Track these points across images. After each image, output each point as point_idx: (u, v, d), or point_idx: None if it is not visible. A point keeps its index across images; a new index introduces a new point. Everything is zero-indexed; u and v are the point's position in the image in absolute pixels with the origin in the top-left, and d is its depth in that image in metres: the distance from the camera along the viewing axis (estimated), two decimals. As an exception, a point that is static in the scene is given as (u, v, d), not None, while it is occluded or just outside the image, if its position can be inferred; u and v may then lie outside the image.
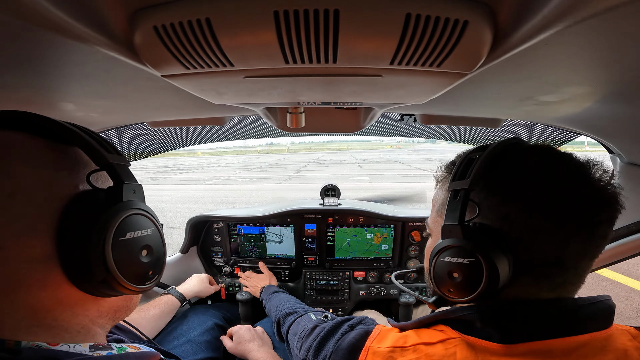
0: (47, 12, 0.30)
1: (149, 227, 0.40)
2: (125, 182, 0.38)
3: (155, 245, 0.41)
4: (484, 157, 0.46)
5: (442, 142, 35.82)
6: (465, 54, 0.37)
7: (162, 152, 1.29)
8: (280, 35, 0.33)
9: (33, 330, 0.34)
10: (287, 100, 0.63)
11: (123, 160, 0.40)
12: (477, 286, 0.43)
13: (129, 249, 0.37)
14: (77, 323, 0.38)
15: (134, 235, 0.37)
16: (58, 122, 0.37)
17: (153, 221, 0.41)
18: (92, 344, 0.38)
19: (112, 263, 0.34)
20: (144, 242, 0.39)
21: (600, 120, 0.76)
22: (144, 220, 0.39)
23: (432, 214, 0.58)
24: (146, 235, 0.39)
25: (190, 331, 1.17)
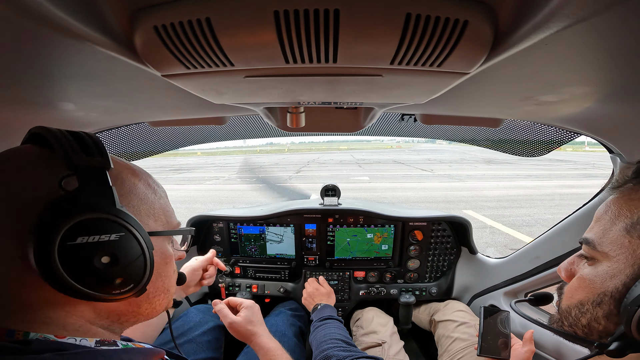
0: (47, 11, 0.30)
1: (112, 232, 0.37)
2: (87, 185, 0.37)
3: (125, 252, 0.38)
4: None
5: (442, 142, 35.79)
6: (466, 53, 0.37)
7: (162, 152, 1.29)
8: (281, 35, 0.33)
9: (34, 325, 0.36)
10: (288, 100, 0.63)
11: (95, 162, 0.38)
12: None
13: (80, 255, 0.35)
14: (72, 322, 0.38)
15: (87, 240, 0.35)
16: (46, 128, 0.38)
17: (125, 226, 0.38)
18: (99, 339, 0.39)
19: (58, 267, 0.34)
20: (104, 248, 0.37)
21: (600, 120, 0.76)
22: (105, 225, 0.37)
23: (611, 232, 0.45)
24: (107, 240, 0.37)
25: (191, 331, 1.17)
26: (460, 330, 1.24)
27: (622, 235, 0.43)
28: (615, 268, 0.43)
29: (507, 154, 1.20)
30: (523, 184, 10.40)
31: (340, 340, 0.92)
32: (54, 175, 0.37)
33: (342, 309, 1.53)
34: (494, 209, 6.81)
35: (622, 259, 0.43)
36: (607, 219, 0.46)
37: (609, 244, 0.44)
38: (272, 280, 1.58)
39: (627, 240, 0.42)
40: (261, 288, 1.56)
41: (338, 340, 0.92)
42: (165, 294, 0.49)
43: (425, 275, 1.57)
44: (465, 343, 1.17)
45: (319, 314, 1.14)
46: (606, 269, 0.44)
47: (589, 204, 1.00)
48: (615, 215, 0.45)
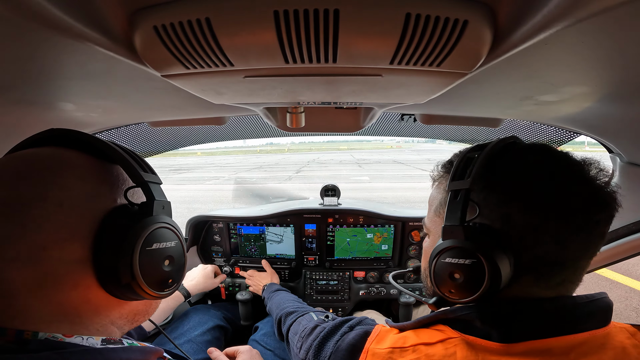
0: (47, 11, 0.30)
1: (173, 240, 0.44)
2: (156, 199, 0.42)
3: (177, 257, 0.45)
4: (483, 157, 0.46)
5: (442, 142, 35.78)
6: (465, 53, 0.37)
7: (162, 152, 1.29)
8: (280, 35, 0.33)
9: (55, 324, 0.36)
10: (287, 100, 0.63)
11: (156, 179, 0.45)
12: (479, 287, 0.43)
13: (153, 258, 0.40)
14: (98, 322, 0.41)
15: (159, 246, 0.41)
16: (105, 142, 0.42)
17: (177, 235, 0.45)
18: (105, 338, 0.40)
19: (137, 269, 0.38)
20: (168, 253, 0.43)
21: (600, 120, 0.76)
22: (169, 233, 0.43)
23: (430, 213, 0.58)
24: (170, 247, 0.43)
25: (191, 331, 1.17)
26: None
27: (433, 214, 0.56)
28: (433, 239, 0.56)
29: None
30: (523, 184, 10.35)
31: (296, 301, 1.03)
32: (116, 186, 0.42)
33: (341, 309, 1.53)
34: (494, 209, 6.79)
35: (435, 233, 0.55)
36: (430, 203, 0.59)
37: (429, 222, 0.58)
38: (272, 280, 1.58)
39: (436, 218, 0.55)
40: (261, 288, 1.56)
41: (294, 301, 1.03)
42: None
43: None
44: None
45: (268, 289, 1.23)
46: (430, 241, 0.58)
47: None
48: (432, 200, 0.58)
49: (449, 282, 0.46)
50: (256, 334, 1.25)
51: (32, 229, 0.34)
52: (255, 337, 1.22)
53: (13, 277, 0.34)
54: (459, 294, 0.46)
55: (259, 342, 1.18)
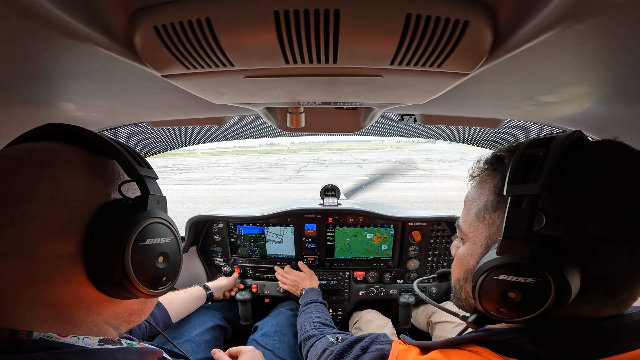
0: (47, 11, 0.30)
1: (167, 236, 0.42)
2: (151, 193, 0.41)
3: (172, 253, 0.43)
4: (554, 156, 0.38)
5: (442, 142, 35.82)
6: (466, 54, 0.37)
7: (162, 152, 1.29)
8: (281, 35, 0.33)
9: (48, 324, 0.36)
10: (287, 100, 0.63)
11: (152, 173, 0.43)
12: (539, 307, 0.38)
13: (146, 254, 0.39)
14: (91, 321, 0.39)
15: (153, 242, 0.40)
16: (99, 136, 0.40)
17: (172, 230, 0.44)
18: (102, 338, 0.39)
19: (129, 265, 0.37)
20: (162, 249, 0.41)
21: (600, 120, 0.76)
22: (163, 229, 0.42)
23: (468, 217, 0.50)
24: (164, 243, 0.42)
25: (190, 331, 1.17)
26: (456, 332, 1.24)
27: (474, 219, 0.48)
28: (472, 247, 0.48)
29: (507, 154, 1.20)
30: (523, 184, 10.36)
31: (319, 322, 0.99)
32: (111, 181, 0.40)
33: (341, 309, 1.53)
34: (493, 209, 6.80)
35: (476, 240, 0.48)
36: (468, 204, 0.51)
37: (467, 226, 0.50)
38: (271, 280, 1.58)
39: (477, 224, 0.48)
40: (261, 288, 1.56)
41: (317, 321, 1.00)
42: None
43: (425, 275, 1.57)
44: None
45: (304, 298, 1.21)
46: (467, 248, 0.50)
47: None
48: (472, 201, 0.50)
49: (500, 300, 0.40)
50: (256, 334, 1.25)
51: (21, 223, 0.33)
52: (255, 337, 1.22)
53: (3, 274, 0.33)
54: (510, 314, 0.40)
55: (259, 342, 1.18)
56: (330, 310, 1.52)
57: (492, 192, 0.46)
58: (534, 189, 0.37)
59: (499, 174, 0.46)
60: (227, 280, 1.47)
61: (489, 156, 0.50)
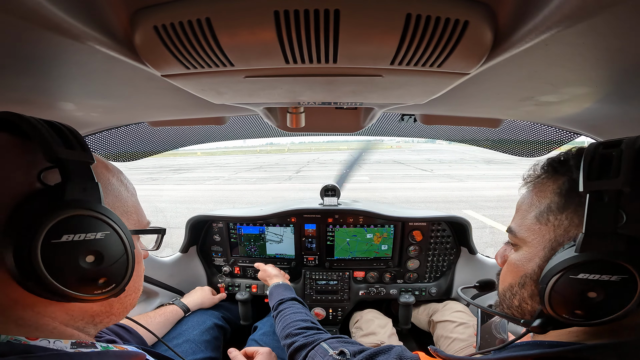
0: (47, 11, 0.30)
1: (97, 231, 0.36)
2: (71, 180, 0.35)
3: (109, 251, 0.37)
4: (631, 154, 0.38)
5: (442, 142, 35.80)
6: (466, 54, 0.37)
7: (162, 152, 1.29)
8: (281, 35, 0.33)
9: (5, 327, 0.34)
10: (287, 100, 0.63)
11: (80, 156, 0.37)
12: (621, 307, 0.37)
13: (65, 253, 0.34)
14: (45, 324, 0.37)
15: (73, 238, 0.34)
16: (18, 115, 0.35)
17: (110, 224, 0.37)
18: (75, 341, 0.38)
19: (40, 267, 0.32)
20: (90, 247, 0.36)
21: (600, 120, 0.76)
22: (90, 222, 0.36)
23: (525, 221, 0.49)
24: (93, 239, 0.36)
25: (190, 331, 1.17)
26: (458, 331, 1.24)
27: (533, 222, 0.48)
28: (531, 252, 0.48)
29: (507, 154, 1.20)
30: (523, 184, 10.38)
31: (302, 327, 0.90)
32: (31, 167, 0.35)
33: (341, 309, 1.53)
34: (493, 209, 6.81)
35: (536, 244, 0.47)
36: (524, 209, 0.50)
37: (525, 231, 0.49)
38: (271, 280, 1.58)
39: (538, 227, 0.47)
40: (261, 288, 1.56)
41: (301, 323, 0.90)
42: (136, 293, 0.48)
43: (424, 275, 1.57)
44: (463, 343, 1.18)
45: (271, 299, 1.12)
46: (525, 253, 0.49)
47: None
48: (528, 206, 0.50)
49: (576, 301, 0.39)
50: (255, 334, 1.25)
51: None
52: (255, 336, 1.22)
53: None
54: (589, 315, 0.39)
55: (258, 342, 1.18)
56: (330, 310, 1.52)
57: (557, 194, 0.45)
58: (615, 184, 0.37)
59: (563, 175, 0.46)
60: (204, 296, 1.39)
61: (547, 161, 0.50)
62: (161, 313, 1.16)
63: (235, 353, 0.95)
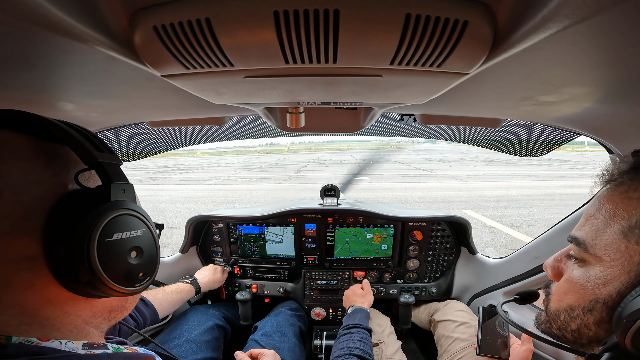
0: (47, 12, 0.30)
1: (139, 228, 0.39)
2: (114, 182, 0.37)
3: (146, 247, 0.40)
4: None
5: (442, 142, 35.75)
6: (465, 54, 0.37)
7: (162, 152, 1.29)
8: (280, 35, 0.33)
9: (23, 328, 0.34)
10: (287, 100, 0.63)
11: (114, 159, 0.39)
12: None
13: (116, 250, 0.36)
14: (69, 322, 0.37)
15: (122, 236, 0.37)
16: (49, 120, 0.36)
17: (145, 222, 0.41)
18: (86, 342, 0.38)
19: (97, 264, 0.34)
20: (134, 244, 0.38)
21: (600, 120, 0.76)
22: (133, 221, 0.39)
23: (606, 235, 0.41)
24: (136, 236, 0.39)
25: (190, 331, 1.17)
26: (460, 330, 1.24)
27: (618, 238, 0.39)
28: (610, 274, 0.40)
29: (507, 154, 1.20)
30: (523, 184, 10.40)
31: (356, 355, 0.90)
32: (63, 169, 0.36)
33: (341, 309, 1.53)
34: (493, 209, 6.81)
35: (618, 265, 0.39)
36: (601, 218, 0.42)
37: (602, 247, 0.41)
38: (271, 280, 1.58)
39: (624, 245, 0.39)
40: (261, 288, 1.56)
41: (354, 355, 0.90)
42: None
43: (424, 275, 1.57)
44: (465, 343, 1.17)
45: (348, 319, 1.11)
46: (599, 273, 0.41)
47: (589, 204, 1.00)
48: (610, 215, 0.41)
49: None
50: (255, 334, 1.25)
51: None
52: (255, 336, 1.22)
53: None
54: None
55: (259, 342, 1.18)
56: (330, 310, 1.52)
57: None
58: None
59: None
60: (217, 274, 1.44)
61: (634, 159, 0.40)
62: (179, 290, 1.21)
63: (241, 355, 0.95)
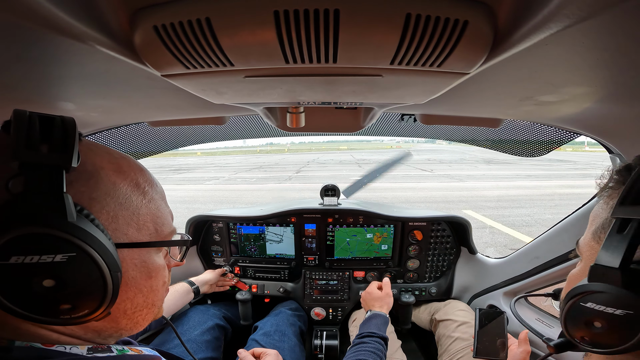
0: (47, 11, 0.30)
1: (59, 252, 0.30)
2: (32, 190, 0.30)
3: (74, 276, 0.32)
4: None
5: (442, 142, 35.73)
6: (465, 53, 0.37)
7: (162, 152, 1.29)
8: (281, 35, 0.33)
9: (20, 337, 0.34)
10: (287, 100, 0.63)
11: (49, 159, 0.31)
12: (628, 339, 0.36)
13: (13, 276, 0.30)
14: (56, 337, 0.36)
15: (23, 260, 0.29)
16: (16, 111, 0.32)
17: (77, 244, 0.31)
18: (91, 347, 0.37)
19: None
20: (46, 270, 0.30)
21: (600, 120, 0.76)
22: (52, 242, 0.30)
23: (588, 234, 0.46)
24: (50, 262, 0.30)
25: (190, 331, 1.17)
26: (461, 330, 1.24)
27: (591, 237, 0.45)
28: (583, 269, 0.45)
29: (507, 154, 1.20)
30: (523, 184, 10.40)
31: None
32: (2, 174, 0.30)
33: (341, 309, 1.53)
34: (493, 209, 6.81)
35: (589, 261, 0.44)
36: (590, 220, 0.47)
37: (584, 245, 0.46)
38: (271, 280, 1.58)
39: (593, 243, 0.44)
40: (261, 288, 1.56)
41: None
42: (150, 309, 0.44)
43: (424, 275, 1.57)
44: (465, 343, 1.17)
45: (363, 326, 1.06)
46: (579, 269, 0.47)
47: (589, 204, 1.00)
48: (593, 217, 0.46)
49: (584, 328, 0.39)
50: (256, 334, 1.25)
51: None
52: (255, 336, 1.22)
53: None
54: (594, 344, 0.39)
55: (259, 342, 1.18)
56: (330, 310, 1.52)
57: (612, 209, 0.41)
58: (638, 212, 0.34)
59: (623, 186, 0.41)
60: (213, 274, 1.41)
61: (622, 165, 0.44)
62: (172, 291, 1.18)
63: (244, 354, 0.95)
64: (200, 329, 1.18)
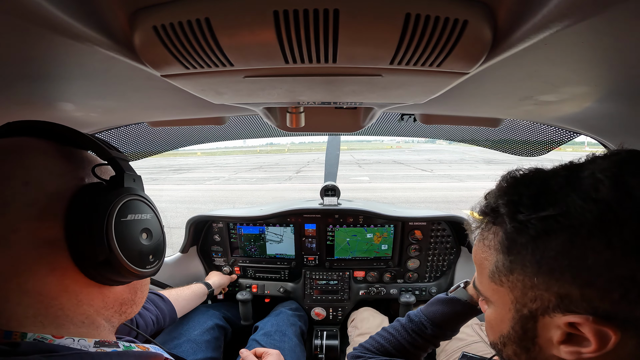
0: (46, 12, 0.30)
1: (148, 212, 0.43)
2: (126, 172, 0.41)
3: (155, 230, 0.44)
4: None
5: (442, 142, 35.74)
6: (465, 53, 0.37)
7: (162, 152, 1.29)
8: (280, 35, 0.33)
9: (39, 319, 0.35)
10: (287, 100, 0.63)
11: (123, 155, 0.44)
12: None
13: (130, 230, 0.40)
14: (81, 312, 0.39)
15: (135, 217, 0.41)
16: (67, 128, 0.41)
17: (152, 208, 0.45)
18: (98, 340, 0.38)
19: (114, 241, 0.37)
20: (144, 225, 0.42)
21: (600, 120, 0.76)
22: (143, 206, 0.43)
23: (483, 279, 0.45)
24: (146, 219, 0.43)
25: (190, 331, 1.17)
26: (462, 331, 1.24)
27: (489, 282, 0.43)
28: (500, 312, 0.44)
29: (507, 154, 1.20)
30: (523, 183, 10.35)
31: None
32: (84, 165, 0.41)
33: (341, 309, 1.53)
34: (493, 209, 6.79)
35: (500, 304, 0.43)
36: (477, 264, 0.47)
37: (485, 290, 0.45)
38: (271, 280, 1.59)
39: (496, 287, 0.42)
40: (261, 288, 1.56)
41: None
42: (148, 283, 0.52)
43: (425, 275, 1.57)
44: (462, 343, 1.17)
45: None
46: (495, 313, 0.45)
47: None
48: (480, 261, 0.45)
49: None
50: (256, 334, 1.25)
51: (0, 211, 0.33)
52: (255, 336, 1.22)
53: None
54: None
55: (259, 342, 1.18)
56: (331, 310, 1.52)
57: (499, 252, 0.40)
58: None
59: (500, 227, 0.40)
60: (225, 279, 1.49)
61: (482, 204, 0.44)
62: (187, 287, 1.25)
63: (246, 353, 0.95)
64: (200, 329, 1.19)
